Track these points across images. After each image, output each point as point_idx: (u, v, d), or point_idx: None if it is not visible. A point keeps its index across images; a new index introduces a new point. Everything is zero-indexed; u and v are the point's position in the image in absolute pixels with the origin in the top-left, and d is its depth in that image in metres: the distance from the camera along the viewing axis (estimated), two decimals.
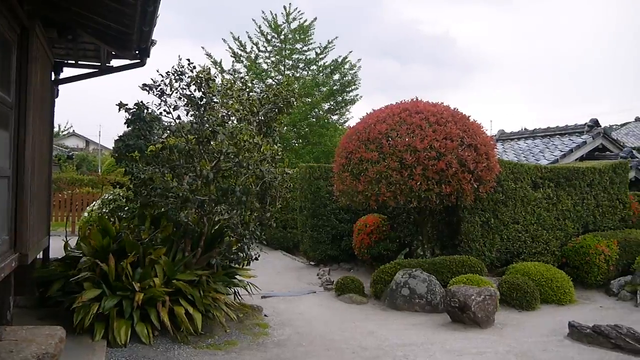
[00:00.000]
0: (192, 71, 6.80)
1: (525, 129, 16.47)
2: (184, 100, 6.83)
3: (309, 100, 21.96)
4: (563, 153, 12.85)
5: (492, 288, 7.90)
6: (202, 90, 6.78)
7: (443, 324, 7.63)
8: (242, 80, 8.32)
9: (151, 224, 6.83)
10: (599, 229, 11.27)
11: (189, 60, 6.80)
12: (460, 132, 8.87)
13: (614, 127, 39.14)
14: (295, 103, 8.37)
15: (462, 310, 7.37)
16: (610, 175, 11.53)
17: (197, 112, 6.74)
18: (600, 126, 13.90)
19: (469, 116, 9.46)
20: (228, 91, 7.23)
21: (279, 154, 7.03)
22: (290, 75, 22.92)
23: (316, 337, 6.73)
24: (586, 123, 14.00)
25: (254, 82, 21.23)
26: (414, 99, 9.78)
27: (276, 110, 8.03)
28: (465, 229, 9.66)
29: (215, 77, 7.02)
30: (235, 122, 7.29)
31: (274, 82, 21.76)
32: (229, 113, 6.96)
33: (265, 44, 22.71)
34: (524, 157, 13.62)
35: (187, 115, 7.07)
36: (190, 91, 6.85)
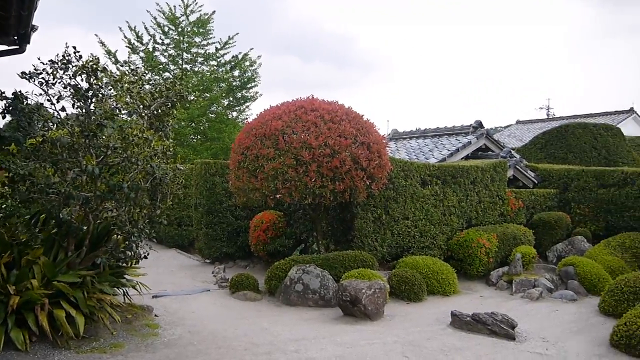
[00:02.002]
0: (78, 60, 6.42)
1: (418, 128, 17.20)
2: (70, 91, 6.45)
3: (208, 95, 21.60)
4: (450, 152, 13.56)
5: (382, 282, 8.20)
6: (90, 81, 6.43)
7: (335, 318, 7.80)
8: (134, 72, 7.99)
9: (31, 223, 6.39)
10: (481, 223, 12.04)
11: (75, 48, 6.42)
12: (354, 131, 9.10)
13: (499, 128, 41.90)
14: (189, 97, 8.17)
15: (353, 304, 7.58)
16: (491, 174, 12.35)
17: (83, 104, 6.38)
18: (484, 127, 14.82)
19: (362, 115, 9.73)
20: (118, 83, 6.92)
21: (171, 149, 6.84)
22: (189, 69, 22.44)
23: (208, 336, 6.63)
24: (471, 124, 14.87)
25: (147, 74, 20.54)
26: (310, 97, 9.89)
27: (169, 104, 7.79)
28: (358, 225, 9.94)
29: (105, 67, 6.69)
30: (125, 115, 7.00)
31: (171, 76, 21.20)
32: (118, 106, 6.67)
33: (163, 37, 22.05)
34: (415, 155, 14.22)
35: (73, 107, 6.68)
36: (77, 81, 6.48)
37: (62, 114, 6.40)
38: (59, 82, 6.35)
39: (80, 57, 6.40)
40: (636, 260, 11.62)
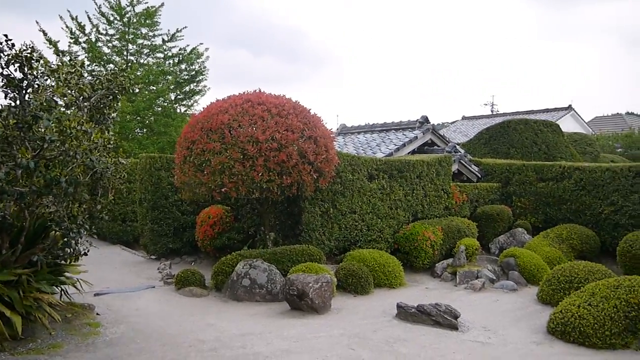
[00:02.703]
0: (11, 49, 6.14)
1: (367, 123, 17.37)
2: (2, 81, 6.15)
3: (154, 88, 21.13)
4: (397, 147, 13.76)
5: (329, 275, 8.24)
6: (24, 70, 6.16)
7: (282, 312, 7.80)
8: (73, 62, 7.70)
9: None
10: (427, 217, 12.27)
11: (6, 36, 6.13)
12: (301, 125, 9.09)
13: (445, 124, 42.84)
14: (134, 90, 7.96)
15: (301, 298, 7.59)
16: (437, 168, 12.60)
17: (17, 95, 6.11)
18: (430, 123, 15.10)
19: (309, 109, 9.73)
20: (55, 73, 6.66)
21: (112, 142, 6.65)
22: (134, 61, 21.89)
23: (152, 333, 6.50)
24: (418, 120, 15.12)
25: (88, 65, 19.91)
26: (257, 90, 9.82)
27: (111, 96, 7.56)
28: (306, 219, 9.95)
29: (41, 56, 6.41)
30: (63, 107, 6.74)
31: (116, 68, 20.60)
32: (56, 97, 6.41)
33: (107, 27, 21.41)
34: (363, 150, 14.35)
35: (5, 98, 6.38)
36: (10, 71, 6.19)
37: None
38: None
39: (13, 45, 6.12)
40: (572, 251, 12.12)
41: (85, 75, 7.44)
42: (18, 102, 6.00)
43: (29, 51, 6.20)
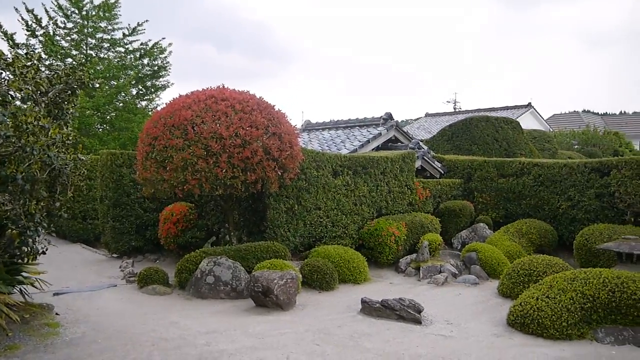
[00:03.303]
0: None
1: (332, 120, 17.41)
2: None
3: (115, 83, 20.70)
4: (361, 143, 13.83)
5: (295, 272, 8.24)
6: None
7: (247, 309, 7.76)
8: (29, 55, 7.48)
9: None
10: (391, 212, 12.39)
11: None
12: (265, 121, 9.05)
13: (409, 121, 43.33)
14: (94, 85, 7.77)
15: (265, 295, 7.57)
16: (400, 164, 12.73)
17: None
18: (394, 119, 15.23)
19: (274, 105, 9.70)
20: (10, 67, 6.46)
21: (71, 138, 6.49)
22: (94, 55, 21.39)
23: (114, 333, 6.38)
24: (382, 116, 15.23)
25: (46, 59, 19.37)
26: (221, 86, 9.73)
27: (69, 91, 7.38)
28: (270, 216, 9.92)
29: None
30: (19, 102, 6.54)
31: (75, 62, 20.09)
32: (11, 91, 6.22)
33: (65, 20, 20.83)
34: (328, 146, 14.38)
35: None
36: None
37: None
38: None
39: None
40: (532, 245, 12.43)
41: (43, 69, 7.25)
42: None
43: None
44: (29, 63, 6.83)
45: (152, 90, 22.63)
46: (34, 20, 20.18)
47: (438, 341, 6.46)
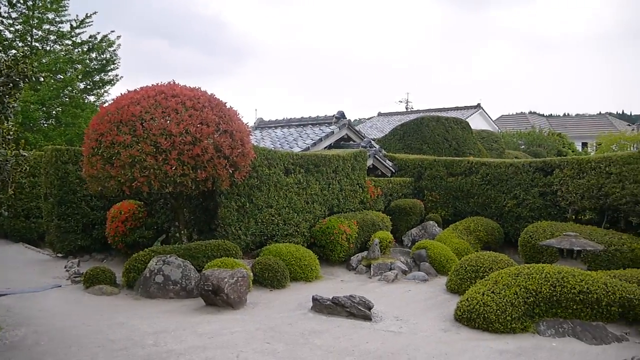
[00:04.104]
0: None
1: (284, 118, 17.39)
2: None
3: (62, 77, 20.06)
4: (314, 142, 13.88)
5: (245, 270, 8.19)
6: None
7: (197, 309, 7.67)
8: None
9: None
10: (342, 210, 12.48)
11: None
12: (216, 118, 8.95)
13: (362, 120, 43.73)
14: (38, 78, 7.49)
15: (216, 293, 7.50)
16: (352, 163, 12.83)
17: None
18: (346, 118, 15.34)
19: (225, 102, 9.60)
20: None
21: (12, 133, 6.25)
22: (39, 47, 20.66)
23: (58, 335, 6.18)
24: (334, 115, 15.32)
25: None
26: (172, 82, 9.57)
27: (10, 84, 7.10)
28: (221, 214, 9.82)
29: None
30: None
31: (18, 54, 19.34)
32: None
33: (9, 9, 20.02)
34: (280, 144, 14.36)
35: None
36: None
37: None
38: None
39: None
40: (479, 242, 12.76)
41: None
42: None
43: None
44: None
45: (101, 84, 22.05)
46: None
47: (387, 337, 6.55)
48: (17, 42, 20.31)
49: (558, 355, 6.02)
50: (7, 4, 20.01)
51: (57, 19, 21.06)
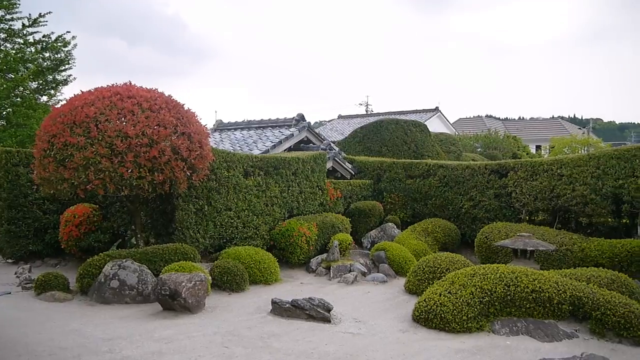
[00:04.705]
0: None
1: (244, 120, 17.28)
2: None
3: (12, 76, 19.40)
4: (273, 144, 13.83)
5: (203, 274, 8.10)
6: None
7: (154, 314, 7.53)
8: None
9: None
10: (302, 213, 12.49)
11: None
12: (174, 120, 8.83)
13: (323, 122, 43.86)
14: None
15: (173, 298, 7.38)
16: (312, 165, 12.86)
17: None
18: (306, 121, 15.36)
19: (183, 104, 9.48)
20: None
21: None
22: None
23: (6, 343, 5.97)
24: (294, 117, 15.32)
25: None
26: (128, 83, 9.39)
27: None
28: (179, 217, 9.68)
29: None
30: None
31: None
32: None
33: None
34: (239, 146, 14.27)
35: None
36: None
37: None
38: None
39: None
40: (437, 243, 12.97)
41: None
42: None
43: None
44: None
45: (54, 84, 21.42)
46: None
47: (346, 339, 6.58)
48: None
49: (512, 353, 6.17)
50: None
51: (8, 17, 20.36)
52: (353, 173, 15.94)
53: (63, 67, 21.25)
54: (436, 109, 35.60)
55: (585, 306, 6.95)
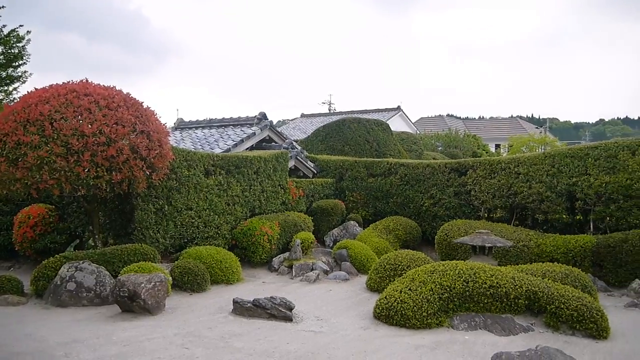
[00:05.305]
0: None
1: (205, 118, 17.10)
2: None
3: None
4: (235, 143, 13.74)
5: (163, 274, 7.98)
6: None
7: (112, 316, 7.39)
8: None
9: None
10: (264, 212, 12.44)
11: None
12: (132, 118, 8.68)
13: (286, 121, 43.76)
14: None
15: (132, 299, 7.26)
16: (274, 164, 12.82)
17: None
18: (268, 119, 15.30)
19: (142, 102, 9.33)
20: None
21: None
22: None
23: None
24: (256, 116, 15.24)
25: None
26: (84, 80, 9.18)
27: None
28: (138, 217, 9.52)
29: None
30: None
31: None
32: None
33: None
34: (201, 145, 14.11)
35: None
36: None
37: None
38: None
39: None
40: (398, 241, 13.10)
41: None
42: None
43: None
44: None
45: (8, 81, 20.75)
46: None
47: (308, 337, 6.59)
48: None
49: (470, 347, 6.29)
50: None
51: None
52: (315, 172, 15.97)
53: (17, 63, 20.61)
54: (398, 108, 35.98)
55: (540, 300, 7.14)
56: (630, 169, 11.06)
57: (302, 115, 39.65)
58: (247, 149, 14.29)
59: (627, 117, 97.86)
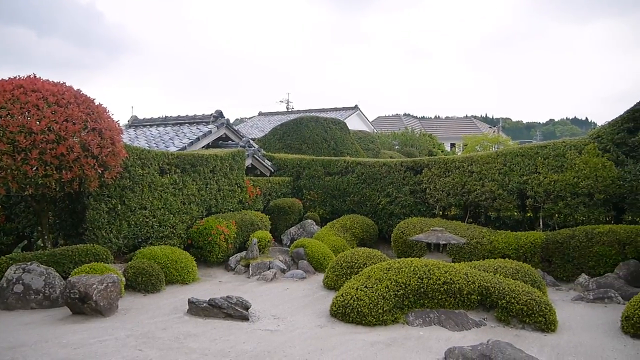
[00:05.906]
0: None
1: (161, 116, 16.79)
2: None
3: None
4: (191, 141, 13.55)
5: (116, 275, 7.80)
6: None
7: (63, 318, 7.18)
8: None
9: None
10: (221, 211, 12.33)
11: None
12: (83, 115, 8.45)
13: (244, 119, 43.47)
14: None
15: (83, 301, 7.07)
16: (230, 162, 12.71)
17: None
18: (224, 117, 15.15)
19: (94, 99, 9.10)
20: None
21: None
22: None
23: None
24: (212, 114, 15.07)
25: None
26: (32, 76, 8.87)
27: None
28: (90, 217, 9.28)
29: None
30: None
31: None
32: None
33: None
34: (156, 143, 13.85)
35: None
36: None
37: None
38: None
39: None
40: (355, 239, 13.19)
41: None
42: None
43: None
44: None
45: None
46: None
47: (264, 336, 6.57)
48: None
49: (424, 343, 6.39)
50: None
51: None
52: (273, 170, 15.92)
53: None
54: (355, 107, 36.18)
55: (492, 295, 7.31)
56: (577, 168, 11.46)
57: (260, 114, 39.44)
58: (204, 147, 14.12)
59: (575, 117, 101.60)
